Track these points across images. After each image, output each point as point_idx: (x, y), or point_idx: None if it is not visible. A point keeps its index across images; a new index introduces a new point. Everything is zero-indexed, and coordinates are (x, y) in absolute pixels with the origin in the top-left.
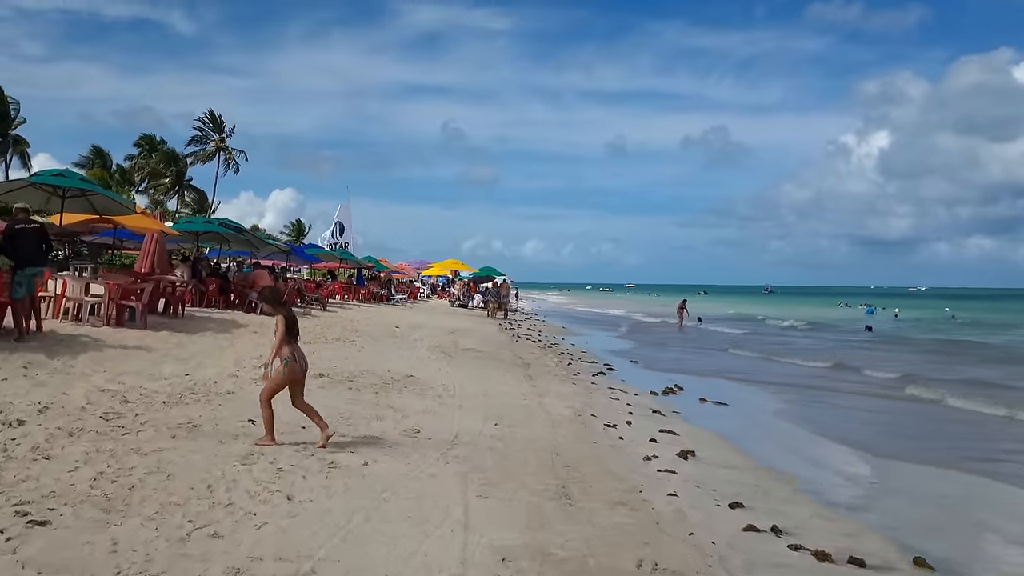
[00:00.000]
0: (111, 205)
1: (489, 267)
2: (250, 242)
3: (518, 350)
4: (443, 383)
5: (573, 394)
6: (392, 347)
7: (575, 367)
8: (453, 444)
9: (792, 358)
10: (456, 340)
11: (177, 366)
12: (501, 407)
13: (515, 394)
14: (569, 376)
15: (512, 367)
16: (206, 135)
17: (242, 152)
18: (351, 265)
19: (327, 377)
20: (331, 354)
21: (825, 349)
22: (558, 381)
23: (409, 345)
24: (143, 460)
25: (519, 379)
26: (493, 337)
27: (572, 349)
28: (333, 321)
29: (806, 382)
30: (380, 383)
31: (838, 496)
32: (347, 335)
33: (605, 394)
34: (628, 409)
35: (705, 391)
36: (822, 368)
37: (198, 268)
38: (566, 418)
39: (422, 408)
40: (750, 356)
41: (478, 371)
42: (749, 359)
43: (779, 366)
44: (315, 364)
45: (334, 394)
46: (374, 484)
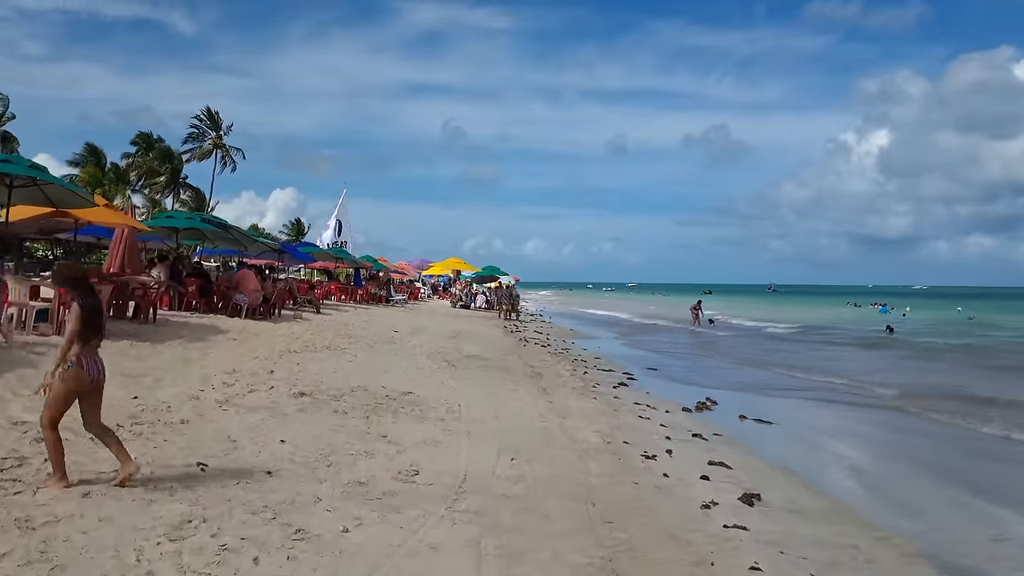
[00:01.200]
0: (69, 197)
1: (492, 266)
2: (237, 239)
3: (527, 357)
4: (446, 401)
5: (596, 412)
6: (389, 356)
7: (592, 377)
8: (460, 492)
9: (824, 365)
10: (459, 346)
11: (127, 386)
12: (516, 433)
13: (531, 414)
14: (587, 388)
15: (523, 378)
16: (203, 132)
17: (239, 150)
18: (348, 264)
19: (309, 397)
20: (318, 367)
21: (856, 356)
22: (577, 395)
23: (408, 353)
24: (23, 540)
25: (533, 393)
26: (499, 342)
27: (584, 354)
28: (326, 325)
29: (855, 396)
30: (372, 403)
31: (972, 559)
32: (339, 342)
33: (632, 412)
34: (663, 432)
35: (741, 406)
36: (865, 379)
37: (178, 268)
38: (595, 447)
39: (421, 437)
40: (775, 363)
41: (486, 384)
42: (775, 366)
43: (812, 373)
44: (298, 380)
45: (316, 419)
46: (354, 566)
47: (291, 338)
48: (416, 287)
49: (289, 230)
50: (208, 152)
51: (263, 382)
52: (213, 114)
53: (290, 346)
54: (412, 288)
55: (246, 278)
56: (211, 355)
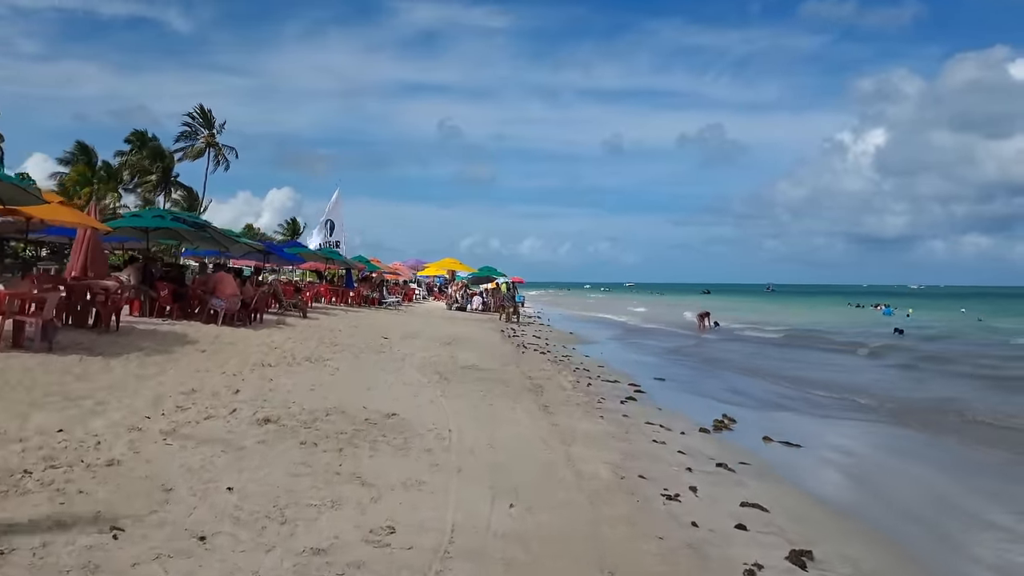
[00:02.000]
0: (17, 195)
1: (488, 267)
2: (215, 239)
3: (526, 366)
4: (435, 425)
5: (605, 436)
6: (375, 368)
7: (596, 389)
8: (446, 557)
9: (841, 377)
10: (454, 354)
11: (57, 412)
12: (515, 466)
13: (531, 439)
14: (593, 404)
15: (522, 392)
16: (195, 131)
17: (232, 149)
18: (339, 265)
19: (275, 424)
20: (293, 383)
21: (872, 365)
22: (582, 414)
23: (397, 363)
24: None
25: (533, 412)
26: (496, 348)
27: (586, 362)
28: (311, 331)
29: (880, 413)
30: (349, 430)
31: None
32: (322, 351)
33: (645, 434)
34: (683, 460)
35: (761, 424)
36: (888, 393)
37: (149, 271)
38: (607, 484)
39: (403, 477)
40: (789, 374)
41: (481, 401)
42: (789, 379)
43: (831, 388)
44: (266, 401)
45: (278, 455)
46: None
47: (269, 348)
48: (411, 289)
49: (284, 230)
50: (201, 151)
51: (224, 405)
52: (206, 112)
53: (266, 358)
54: (407, 290)
55: (223, 281)
56: (171, 371)
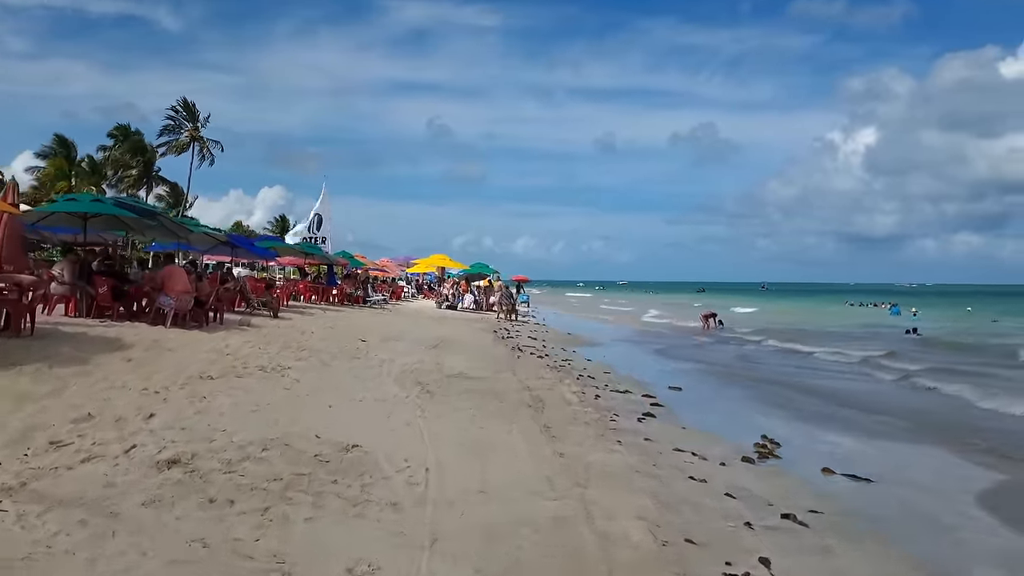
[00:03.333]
0: None
1: (481, 263)
2: (169, 229)
3: (523, 373)
4: (408, 461)
5: (628, 471)
6: (345, 378)
7: (606, 402)
8: None
9: (871, 380)
10: (440, 360)
11: None
12: (513, 527)
13: (534, 480)
14: (605, 423)
15: (519, 408)
16: (179, 124)
17: (217, 143)
18: (319, 261)
19: (183, 467)
20: (232, 401)
21: (898, 371)
22: (594, 437)
23: (372, 372)
24: None
25: (534, 437)
26: (489, 352)
27: (589, 367)
28: (278, 333)
29: (944, 433)
30: (287, 475)
31: None
32: (284, 358)
33: (676, 466)
34: (735, 509)
35: (811, 448)
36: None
37: (88, 264)
38: (643, 556)
39: (347, 556)
40: (812, 378)
41: (469, 423)
42: (815, 384)
43: (869, 395)
44: (184, 430)
45: (167, 523)
46: None
47: (218, 354)
48: (399, 286)
49: (273, 227)
50: (185, 145)
51: (123, 438)
52: (190, 105)
53: (210, 367)
54: (394, 287)
55: (172, 276)
56: (72, 388)
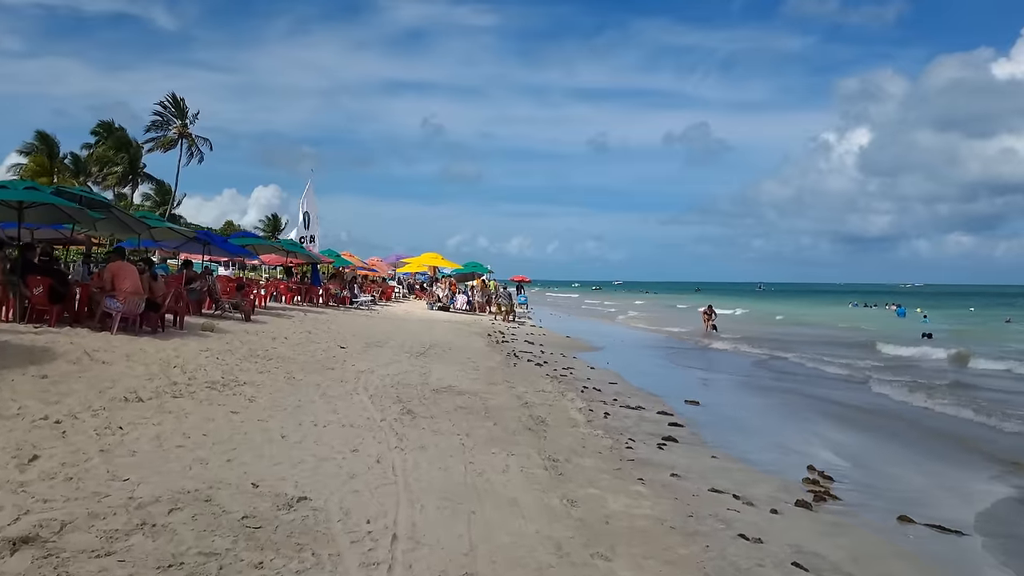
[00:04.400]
0: None
1: (475, 262)
2: (122, 221)
3: (521, 384)
4: (370, 523)
5: (659, 527)
6: (312, 396)
7: (618, 421)
8: None
9: (901, 388)
10: (427, 370)
11: None
12: None
13: (541, 549)
14: (621, 452)
15: (518, 433)
16: (167, 120)
17: (206, 140)
18: (302, 259)
19: (38, 545)
20: (155, 432)
21: (937, 382)
22: (609, 473)
23: (347, 387)
24: None
25: (536, 475)
26: (482, 359)
27: (594, 376)
28: (244, 340)
29: None
30: (194, 551)
31: None
32: (242, 371)
33: (719, 517)
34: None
35: (869, 484)
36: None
37: (28, 261)
38: None
39: None
40: (838, 389)
41: (457, 457)
42: (846, 398)
43: (914, 410)
44: (73, 480)
45: None
46: None
47: (162, 368)
48: (389, 286)
49: (265, 226)
50: (172, 142)
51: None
52: (178, 101)
53: (143, 386)
54: (384, 287)
55: (119, 275)
56: None
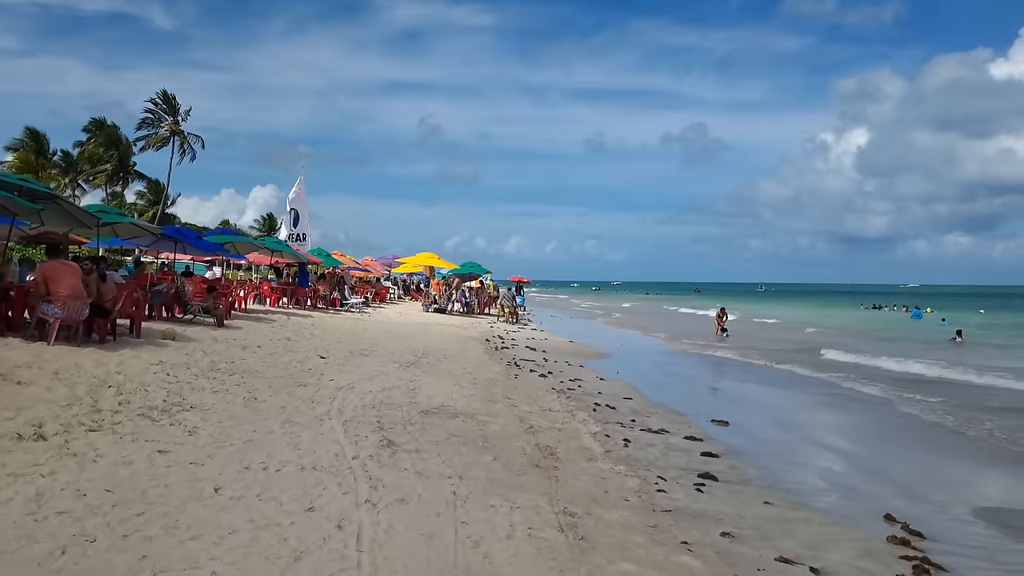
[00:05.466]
0: None
1: (473, 263)
2: (70, 214)
3: (524, 402)
4: None
5: None
6: (273, 423)
7: (641, 451)
8: None
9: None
10: (417, 385)
11: None
12: None
13: None
14: (652, 497)
15: (524, 473)
16: (159, 118)
17: (199, 137)
18: (289, 259)
19: None
20: (41, 488)
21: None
22: (647, 536)
23: (318, 410)
24: None
25: (552, 544)
26: (480, 369)
27: (605, 390)
28: (210, 351)
29: None
30: None
31: None
32: (194, 390)
33: None
34: None
35: (969, 543)
36: None
37: None
38: None
39: None
40: (893, 399)
41: (445, 514)
42: (902, 406)
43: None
44: None
45: None
46: None
47: (93, 388)
48: (384, 287)
49: (260, 225)
50: (164, 139)
51: None
52: (170, 98)
53: (55, 415)
54: (379, 288)
55: (55, 276)
56: None
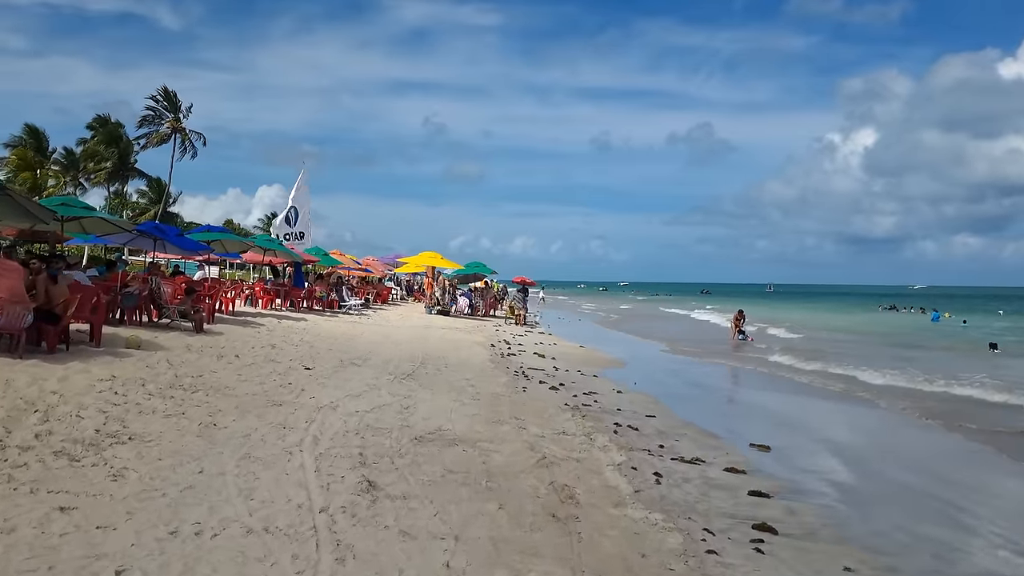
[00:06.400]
0: None
1: (478, 263)
2: (24, 208)
3: (534, 421)
4: None
5: None
6: (227, 462)
7: (676, 488)
8: None
9: None
10: (412, 403)
11: None
12: None
13: None
14: (699, 557)
15: (537, 528)
16: (159, 115)
17: (200, 135)
18: (284, 258)
19: None
20: None
21: None
22: None
23: (288, 440)
24: None
25: None
26: (484, 380)
27: (624, 404)
28: (178, 362)
29: None
30: None
31: None
32: (141, 414)
33: None
34: None
35: None
36: None
37: None
38: None
39: None
40: (924, 416)
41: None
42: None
43: None
44: None
45: None
46: None
47: (12, 414)
48: (386, 288)
49: (265, 224)
50: (165, 136)
51: None
52: (171, 95)
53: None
54: (380, 288)
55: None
56: None
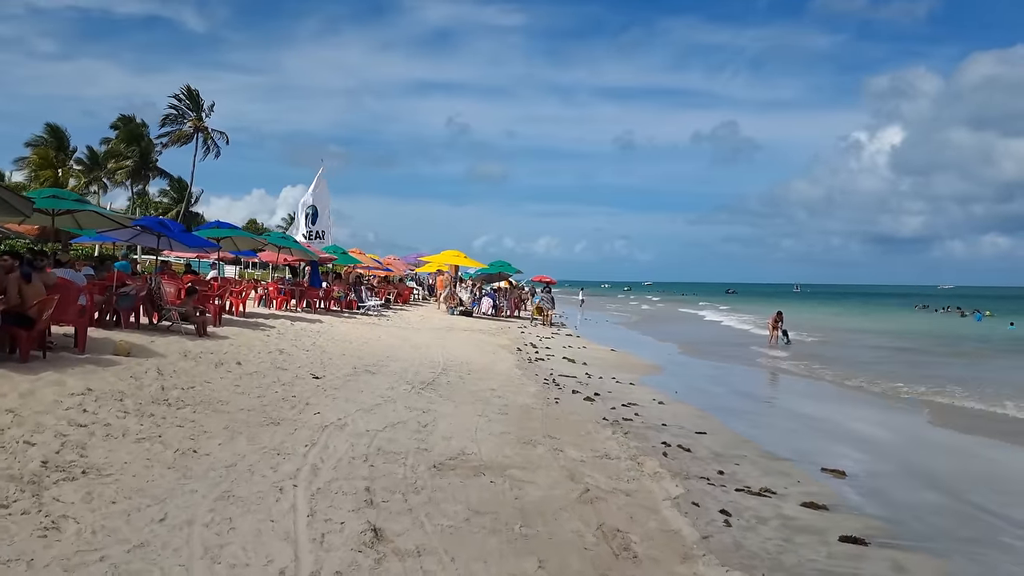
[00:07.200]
0: None
1: (502, 262)
2: (3, 200)
3: (572, 445)
4: None
5: None
6: (199, 503)
7: (751, 535)
8: None
9: None
10: (431, 419)
11: None
12: None
13: None
14: None
15: None
16: (182, 114)
17: (223, 133)
18: (299, 256)
19: None
20: None
21: None
22: None
23: (281, 472)
24: None
25: None
26: (511, 390)
27: (668, 418)
28: (171, 368)
29: None
30: None
31: None
32: (109, 436)
33: None
34: None
35: None
36: None
37: None
38: None
39: None
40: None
41: None
42: None
43: None
44: None
45: None
46: None
47: None
48: (407, 288)
49: (286, 224)
50: (188, 135)
51: None
52: (193, 93)
53: None
54: (401, 289)
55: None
56: None
